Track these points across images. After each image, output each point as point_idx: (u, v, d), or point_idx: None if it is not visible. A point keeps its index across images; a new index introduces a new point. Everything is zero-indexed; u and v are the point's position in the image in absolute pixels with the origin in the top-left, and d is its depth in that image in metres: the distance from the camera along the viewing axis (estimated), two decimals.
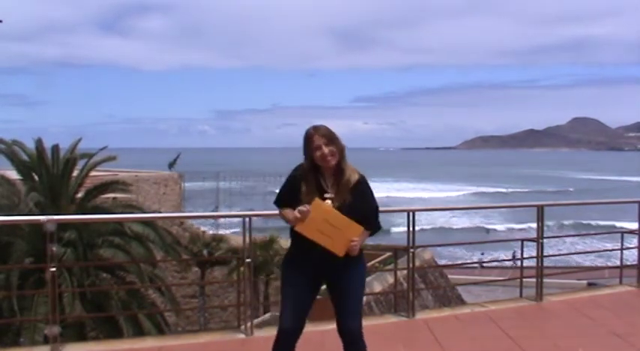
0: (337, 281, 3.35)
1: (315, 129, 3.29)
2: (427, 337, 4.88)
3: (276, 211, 3.50)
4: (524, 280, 6.48)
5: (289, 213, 3.31)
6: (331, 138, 3.27)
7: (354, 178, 3.32)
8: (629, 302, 6.39)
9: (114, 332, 10.67)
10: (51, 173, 12.21)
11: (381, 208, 3.48)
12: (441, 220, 59.26)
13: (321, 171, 3.33)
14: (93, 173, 13.53)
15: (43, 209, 11.41)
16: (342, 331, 3.34)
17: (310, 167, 3.32)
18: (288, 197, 3.35)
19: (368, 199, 3.38)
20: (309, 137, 3.28)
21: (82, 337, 10.30)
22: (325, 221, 3.20)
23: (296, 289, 3.35)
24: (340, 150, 3.29)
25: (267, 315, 19.17)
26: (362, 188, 3.33)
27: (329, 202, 3.26)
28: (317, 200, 3.22)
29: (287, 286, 3.38)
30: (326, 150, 3.24)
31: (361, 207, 3.31)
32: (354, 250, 3.24)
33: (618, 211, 47.47)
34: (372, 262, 22.96)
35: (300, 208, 3.20)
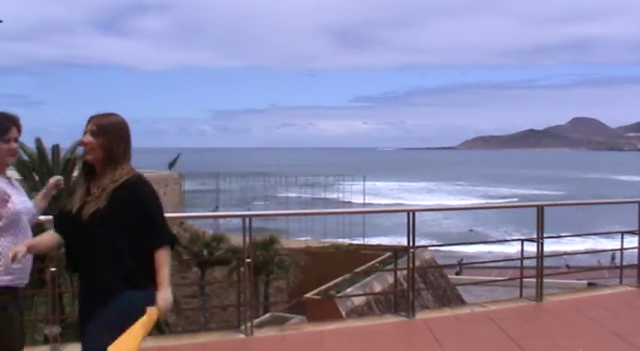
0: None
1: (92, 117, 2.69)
2: (427, 337, 4.87)
3: (276, 212, 3.41)
4: (524, 280, 6.48)
5: None
6: (103, 129, 2.60)
7: (120, 180, 2.59)
8: (629, 302, 6.38)
9: None
10: (52, 173, 12.24)
11: (380, 209, 3.44)
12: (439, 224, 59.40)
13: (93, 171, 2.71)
14: None
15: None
16: None
17: (86, 166, 2.73)
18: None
19: (135, 206, 2.57)
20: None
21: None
22: None
23: None
24: (107, 146, 2.60)
25: (267, 315, 19.20)
26: (125, 193, 2.57)
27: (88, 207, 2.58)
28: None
29: None
30: (86, 139, 2.60)
31: (119, 215, 2.55)
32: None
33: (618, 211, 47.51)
34: (372, 262, 23.00)
35: None
